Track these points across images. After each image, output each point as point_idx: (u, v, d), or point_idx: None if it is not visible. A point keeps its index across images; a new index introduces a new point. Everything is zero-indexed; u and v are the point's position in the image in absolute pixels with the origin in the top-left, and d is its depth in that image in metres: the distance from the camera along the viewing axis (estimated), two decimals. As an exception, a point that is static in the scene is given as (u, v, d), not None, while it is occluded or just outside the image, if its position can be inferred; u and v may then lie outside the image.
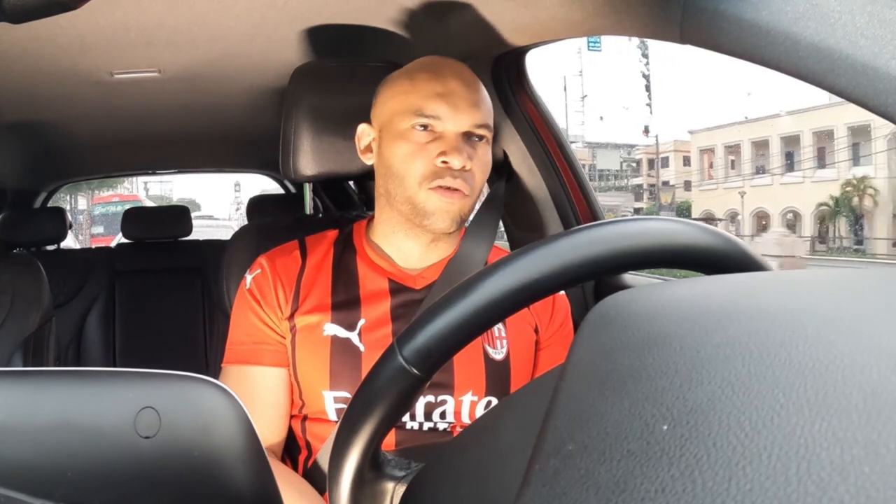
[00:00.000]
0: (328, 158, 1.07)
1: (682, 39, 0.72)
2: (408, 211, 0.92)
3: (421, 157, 0.90)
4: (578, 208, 1.33)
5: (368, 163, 0.99)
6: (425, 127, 0.90)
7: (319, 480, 0.91)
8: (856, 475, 0.17)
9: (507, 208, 1.36)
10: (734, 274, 0.40)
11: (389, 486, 0.49)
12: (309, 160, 1.08)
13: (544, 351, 1.00)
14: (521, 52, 1.24)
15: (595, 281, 1.31)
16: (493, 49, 1.18)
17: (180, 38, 1.32)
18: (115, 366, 2.53)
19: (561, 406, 0.26)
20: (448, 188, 0.90)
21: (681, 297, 0.29)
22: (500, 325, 0.97)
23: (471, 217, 1.02)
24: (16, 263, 1.59)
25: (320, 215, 1.39)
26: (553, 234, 1.30)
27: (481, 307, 0.41)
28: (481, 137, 0.93)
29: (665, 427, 0.22)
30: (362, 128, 0.99)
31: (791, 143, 19.96)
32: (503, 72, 1.28)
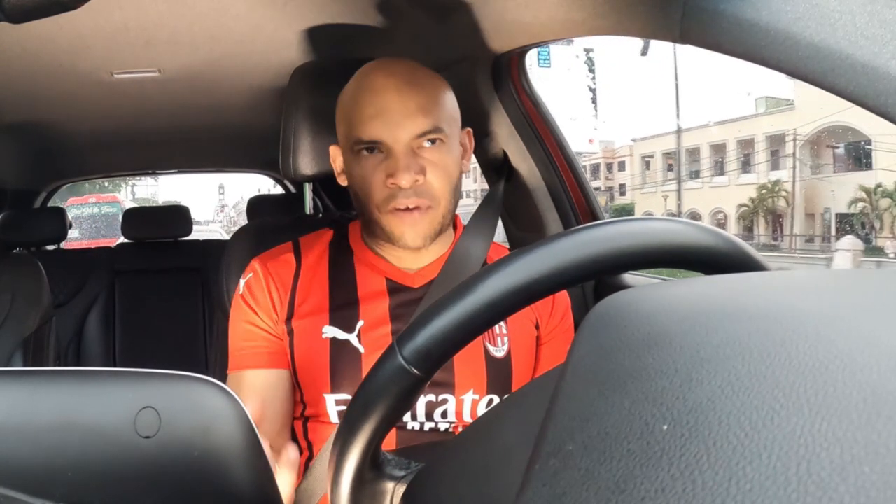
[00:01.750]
0: (328, 158, 1.07)
1: (682, 39, 0.72)
2: (378, 232, 0.92)
3: (373, 181, 0.89)
4: (578, 207, 1.33)
5: (344, 184, 0.98)
6: (372, 149, 0.89)
7: (320, 480, 0.91)
8: (856, 475, 0.17)
9: (507, 207, 1.36)
10: (734, 274, 0.40)
11: (389, 486, 0.49)
12: (309, 160, 1.08)
13: (545, 346, 1.00)
14: (521, 53, 1.24)
15: (595, 281, 1.31)
16: (493, 49, 1.18)
17: (180, 38, 1.32)
18: (115, 366, 2.53)
19: (561, 406, 0.26)
20: (406, 209, 0.88)
21: (681, 297, 0.29)
22: (500, 323, 0.97)
23: (463, 216, 1.01)
24: (16, 263, 1.59)
25: (320, 215, 1.39)
26: (553, 233, 1.30)
27: (481, 307, 0.41)
28: (434, 140, 0.89)
29: (665, 427, 0.22)
30: (333, 150, 0.98)
31: (719, 151, 22.85)
32: (503, 71, 1.28)
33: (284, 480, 0.66)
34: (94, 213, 12.97)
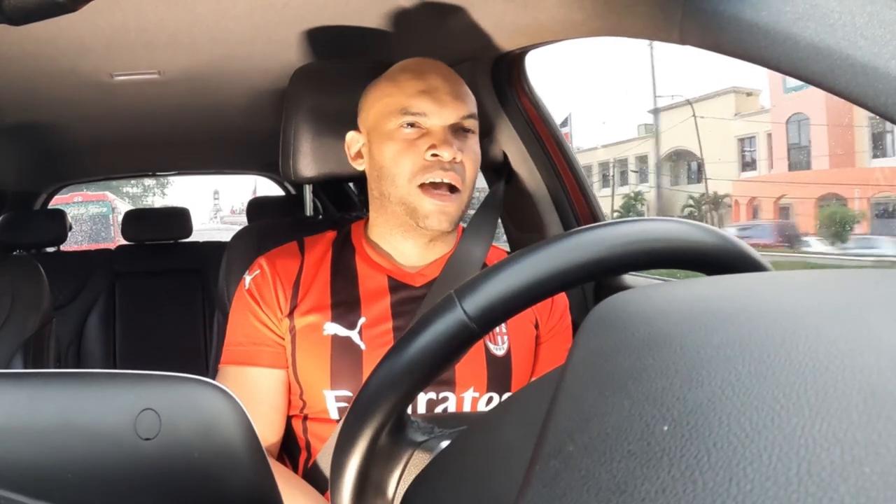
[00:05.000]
0: (328, 160, 1.07)
1: (682, 40, 0.72)
2: (402, 212, 0.93)
3: (411, 154, 0.91)
4: (578, 209, 1.33)
5: (360, 168, 1.00)
6: (412, 125, 0.91)
7: (319, 482, 0.91)
8: (856, 475, 0.17)
9: (507, 209, 1.36)
10: (734, 274, 0.40)
11: (407, 451, 0.47)
12: (309, 161, 1.08)
13: (544, 345, 1.00)
14: (520, 54, 1.24)
15: (595, 282, 1.31)
16: (493, 50, 1.18)
17: (180, 40, 1.32)
18: (115, 367, 2.52)
19: (561, 407, 0.26)
20: (440, 186, 0.90)
21: (681, 298, 0.29)
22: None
23: (469, 213, 1.02)
24: (16, 265, 1.59)
25: (320, 216, 1.39)
26: (553, 234, 1.30)
27: (550, 273, 0.41)
28: (468, 130, 0.94)
29: (665, 428, 0.22)
30: (351, 135, 1.01)
31: (605, 168, 29.11)
32: (503, 73, 1.28)
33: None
34: (79, 214, 11.88)
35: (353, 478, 0.45)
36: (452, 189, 0.91)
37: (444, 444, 0.47)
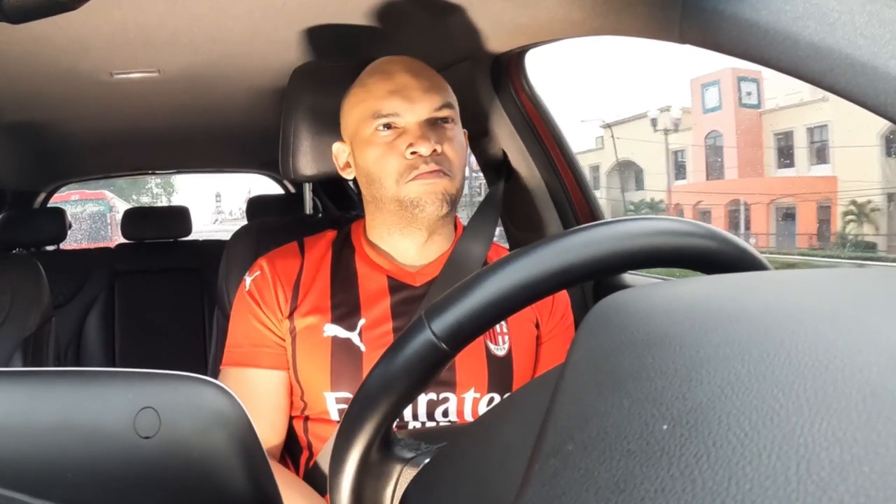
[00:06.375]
0: (327, 158, 1.07)
1: (682, 39, 0.72)
2: (397, 209, 0.93)
3: (391, 156, 0.91)
4: (578, 208, 1.33)
5: (350, 178, 1.01)
6: (388, 126, 0.92)
7: (320, 481, 0.91)
8: (855, 475, 0.17)
9: (507, 207, 1.36)
10: (734, 273, 0.40)
11: (396, 467, 0.48)
12: (308, 160, 1.08)
13: (546, 345, 1.00)
14: (520, 53, 1.24)
15: (594, 281, 1.31)
16: (492, 49, 1.18)
17: (179, 39, 1.32)
18: (114, 366, 2.52)
19: (560, 406, 0.26)
20: (426, 173, 0.90)
21: (680, 297, 0.29)
22: (501, 321, 0.97)
23: (465, 211, 1.02)
24: (15, 264, 1.59)
25: (320, 215, 1.39)
26: (552, 233, 1.30)
27: (517, 286, 0.41)
28: (446, 119, 0.94)
29: (665, 427, 0.22)
30: (336, 146, 1.01)
31: None
32: (503, 72, 1.28)
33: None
34: (77, 212, 11.59)
35: (348, 495, 0.45)
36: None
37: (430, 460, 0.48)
